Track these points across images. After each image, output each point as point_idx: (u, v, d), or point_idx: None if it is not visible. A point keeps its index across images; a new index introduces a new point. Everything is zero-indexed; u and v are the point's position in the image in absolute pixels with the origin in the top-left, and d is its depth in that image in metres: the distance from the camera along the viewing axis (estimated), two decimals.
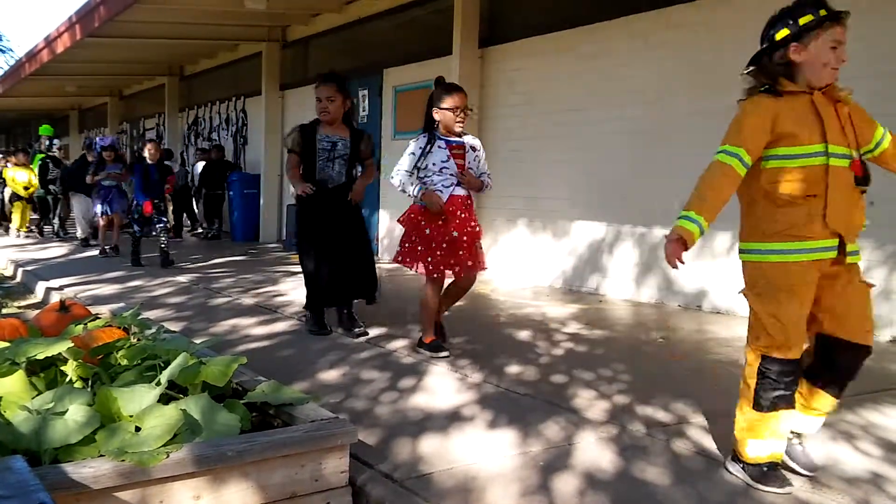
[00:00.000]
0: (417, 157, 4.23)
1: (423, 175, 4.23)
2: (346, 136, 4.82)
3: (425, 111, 4.33)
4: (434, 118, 4.27)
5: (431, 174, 4.22)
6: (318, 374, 3.86)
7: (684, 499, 2.41)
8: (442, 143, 4.24)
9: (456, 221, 4.21)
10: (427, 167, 4.22)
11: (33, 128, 25.76)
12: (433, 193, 4.17)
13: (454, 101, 4.20)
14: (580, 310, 5.98)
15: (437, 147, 4.23)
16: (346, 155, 4.80)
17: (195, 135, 15.31)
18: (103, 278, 7.44)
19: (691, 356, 4.43)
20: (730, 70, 5.89)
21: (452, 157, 4.24)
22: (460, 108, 4.21)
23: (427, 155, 4.21)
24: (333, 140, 4.78)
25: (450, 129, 4.25)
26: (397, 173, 4.27)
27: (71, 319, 3.55)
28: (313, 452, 2.35)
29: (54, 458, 2.12)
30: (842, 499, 2.43)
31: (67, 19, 11.43)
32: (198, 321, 5.28)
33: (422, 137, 4.29)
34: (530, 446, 2.84)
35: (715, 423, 3.12)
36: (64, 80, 16.40)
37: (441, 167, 4.22)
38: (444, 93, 4.25)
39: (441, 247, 4.18)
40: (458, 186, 4.24)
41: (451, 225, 4.19)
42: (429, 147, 4.22)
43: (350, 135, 4.85)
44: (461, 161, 4.27)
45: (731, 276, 5.82)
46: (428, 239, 4.21)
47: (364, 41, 10.24)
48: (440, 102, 4.23)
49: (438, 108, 4.24)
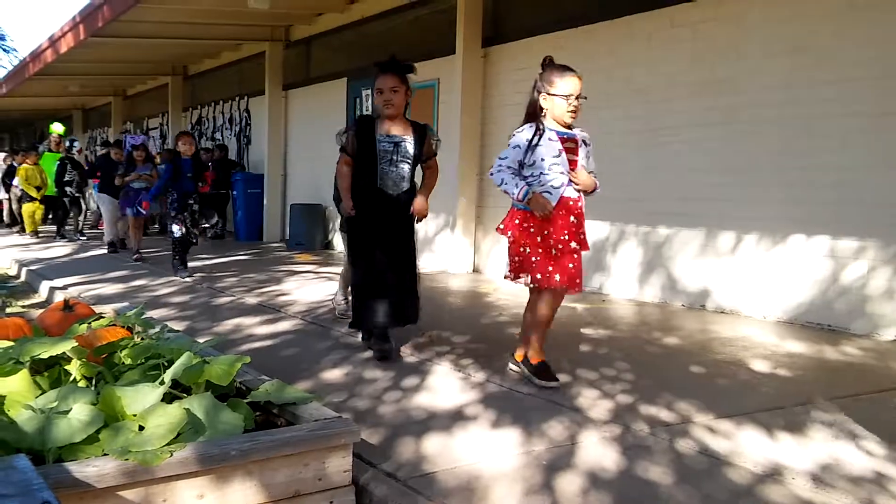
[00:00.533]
0: (523, 150, 3.56)
1: (528, 173, 3.60)
2: (409, 134, 4.16)
3: (530, 96, 3.66)
4: (541, 106, 3.60)
5: (539, 172, 3.57)
6: (321, 374, 3.86)
7: (688, 498, 2.41)
8: (553, 135, 3.57)
9: (571, 228, 3.59)
10: (534, 163, 3.57)
11: (37, 127, 25.85)
12: (540, 197, 3.52)
13: (568, 87, 3.53)
14: (583, 309, 5.97)
15: (547, 140, 3.55)
16: (411, 157, 4.15)
17: (199, 134, 15.32)
18: (107, 278, 7.46)
19: (696, 356, 4.42)
20: (733, 69, 5.93)
21: (564, 151, 3.58)
22: (574, 95, 3.54)
23: (534, 149, 3.55)
24: (396, 140, 4.12)
25: (561, 120, 3.59)
26: (499, 170, 3.63)
27: (75, 319, 3.56)
28: (317, 452, 2.35)
29: (58, 457, 2.12)
30: (845, 498, 2.43)
31: (71, 19, 11.44)
32: (201, 320, 5.29)
33: (528, 128, 3.60)
34: (534, 446, 2.84)
35: (718, 423, 3.11)
36: (67, 79, 16.42)
37: (551, 164, 3.55)
38: (555, 75, 3.55)
39: (553, 256, 3.57)
40: (570, 186, 3.60)
41: (560, 231, 3.56)
42: (537, 140, 3.55)
43: (413, 132, 4.20)
44: (574, 157, 3.60)
45: (736, 275, 5.83)
46: (538, 247, 3.58)
47: (367, 41, 10.24)
48: (550, 87, 3.55)
49: (548, 93, 3.56)
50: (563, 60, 3.62)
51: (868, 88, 5.02)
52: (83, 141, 21.80)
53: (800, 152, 5.40)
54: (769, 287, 5.63)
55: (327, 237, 11.05)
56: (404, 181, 4.16)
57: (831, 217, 5.24)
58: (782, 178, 5.50)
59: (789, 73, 5.48)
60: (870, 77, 5.02)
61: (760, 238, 5.67)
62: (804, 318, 5.39)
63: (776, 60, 5.53)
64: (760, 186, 5.64)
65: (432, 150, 4.28)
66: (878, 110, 4.97)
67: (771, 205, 5.59)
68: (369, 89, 10.04)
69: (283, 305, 5.90)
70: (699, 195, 6.04)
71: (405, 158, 4.13)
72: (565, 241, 3.55)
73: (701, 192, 6.03)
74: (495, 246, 7.78)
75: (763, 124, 5.60)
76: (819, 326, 5.27)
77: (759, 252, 5.70)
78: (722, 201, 5.86)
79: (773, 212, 5.58)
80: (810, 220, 5.35)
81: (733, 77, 5.80)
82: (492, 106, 8.15)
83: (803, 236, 5.41)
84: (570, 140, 3.61)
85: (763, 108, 5.59)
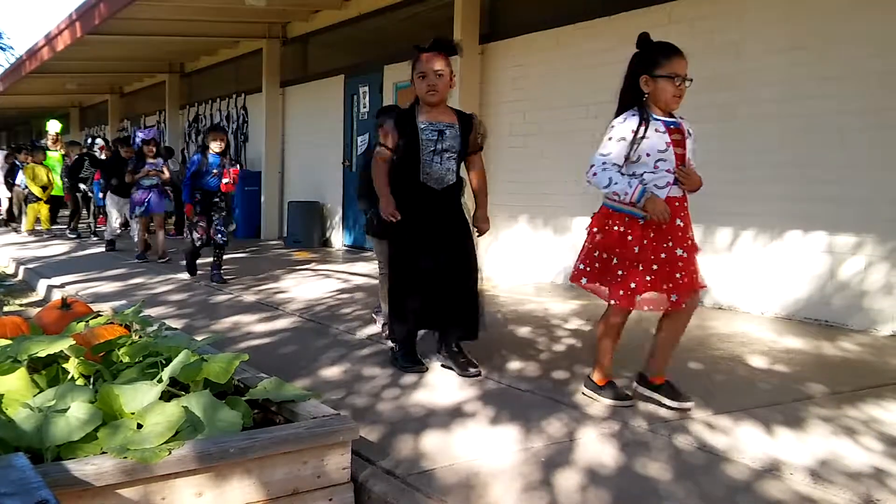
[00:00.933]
0: (629, 143, 3.06)
1: (628, 172, 3.09)
2: (454, 122, 3.79)
3: (625, 79, 3.16)
4: (642, 90, 3.09)
5: (642, 170, 3.08)
6: (319, 371, 3.86)
7: (686, 494, 2.41)
8: (660, 125, 3.08)
9: (678, 234, 3.11)
10: (638, 160, 3.07)
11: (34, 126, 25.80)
12: (659, 199, 3.04)
13: (676, 67, 3.04)
14: (582, 306, 5.97)
15: (654, 131, 3.06)
16: (456, 147, 3.77)
17: (196, 132, 15.30)
18: (105, 276, 7.45)
19: (694, 352, 4.42)
20: (731, 66, 5.92)
21: (672, 144, 3.09)
22: (683, 77, 3.07)
23: (640, 142, 3.05)
24: (439, 128, 3.72)
25: (667, 107, 3.12)
26: (603, 168, 3.09)
27: (73, 317, 3.55)
28: (315, 449, 2.35)
29: (56, 456, 2.12)
30: (844, 494, 2.43)
31: (68, 17, 11.42)
32: (199, 318, 5.28)
33: (631, 117, 3.08)
34: (532, 442, 2.84)
35: (717, 419, 3.12)
36: (64, 77, 16.40)
37: (657, 159, 3.06)
38: (660, 54, 3.07)
39: (651, 269, 3.06)
40: (676, 185, 3.11)
41: (666, 239, 3.08)
42: (643, 130, 3.06)
43: (458, 120, 3.82)
44: (681, 150, 3.11)
45: (733, 271, 5.83)
46: (635, 259, 3.07)
47: (364, 37, 10.22)
48: (654, 68, 3.05)
49: (651, 75, 3.06)
50: (561, 56, 3.61)
51: (867, 85, 5.02)
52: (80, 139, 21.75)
53: (798, 149, 5.40)
54: (767, 283, 5.63)
55: (325, 234, 11.04)
56: (450, 174, 3.76)
57: (829, 213, 5.24)
58: (780, 175, 5.50)
59: (788, 69, 5.48)
60: (869, 74, 5.02)
61: (758, 234, 5.68)
62: (802, 313, 5.40)
63: (775, 57, 5.53)
64: (758, 182, 5.64)
65: (478, 142, 3.86)
66: (877, 106, 4.97)
67: (768, 201, 5.59)
68: (367, 86, 10.03)
69: (281, 303, 5.90)
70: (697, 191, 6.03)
71: (451, 149, 3.74)
72: (670, 249, 3.07)
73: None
74: (493, 243, 7.77)
75: (761, 120, 5.60)
76: (817, 322, 5.27)
77: (756, 248, 5.70)
78: (719, 197, 5.85)
79: (771, 208, 5.59)
80: (808, 216, 5.36)
81: (732, 73, 5.79)
82: (489, 103, 8.14)
83: (801, 232, 5.41)
84: (677, 131, 3.12)
85: (761, 104, 5.59)
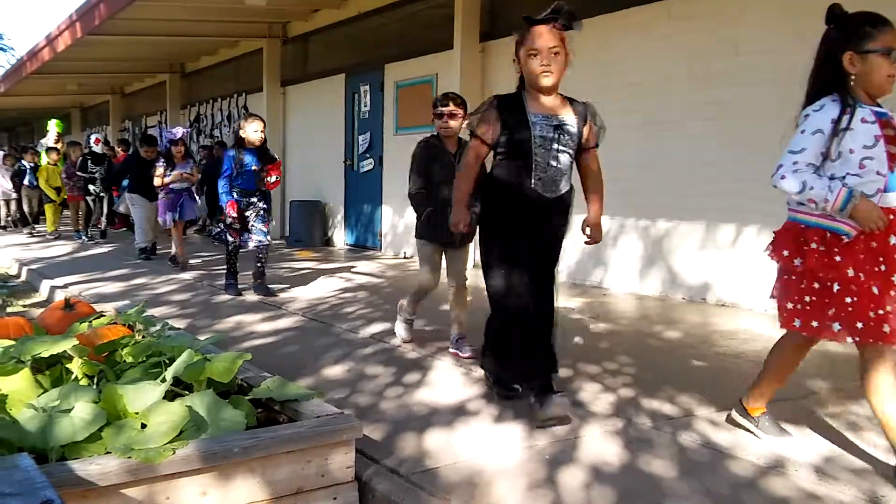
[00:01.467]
0: (829, 137, 2.45)
1: (827, 173, 2.50)
2: (571, 113, 3.11)
3: (816, 60, 2.56)
4: (848, 71, 2.46)
5: (846, 170, 2.47)
6: (322, 370, 3.86)
7: (690, 492, 2.41)
8: (868, 113, 2.45)
9: (893, 257, 2.45)
10: (839, 157, 2.46)
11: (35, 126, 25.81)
12: (869, 201, 2.42)
13: (890, 39, 2.43)
14: (584, 303, 5.97)
15: (859, 122, 2.43)
16: (574, 145, 3.11)
17: (197, 132, 15.31)
18: (108, 276, 7.45)
19: (697, 349, 4.42)
20: (730, 62, 5.91)
21: (883, 140, 2.45)
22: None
23: (842, 135, 2.44)
24: (556, 122, 3.05)
25: (880, 91, 2.49)
26: (795, 169, 2.50)
27: (76, 317, 3.56)
28: (319, 448, 2.35)
29: (61, 456, 2.12)
30: (848, 490, 2.43)
31: (68, 17, 11.43)
32: (202, 318, 5.29)
33: (830, 104, 2.47)
34: (536, 440, 2.84)
35: (721, 416, 3.11)
36: (65, 78, 16.40)
37: (863, 157, 2.43)
38: (869, 26, 2.45)
39: (867, 294, 2.42)
40: (890, 193, 2.46)
41: (877, 261, 2.46)
42: (846, 120, 2.43)
43: (573, 110, 3.13)
44: (894, 148, 2.46)
45: (736, 268, 5.82)
46: (848, 283, 2.45)
47: (365, 36, 10.22)
48: (865, 40, 2.43)
49: (859, 51, 2.44)
50: None
51: None
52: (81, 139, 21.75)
53: None
54: (770, 280, 5.60)
55: (327, 234, 11.04)
56: (564, 179, 3.11)
57: None
58: None
59: (788, 66, 5.46)
60: None
61: (761, 230, 5.66)
62: None
63: (775, 55, 5.52)
64: (761, 179, 5.61)
65: (595, 137, 3.22)
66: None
67: (771, 197, 5.57)
68: (367, 85, 10.03)
69: (284, 302, 5.90)
70: (699, 188, 6.03)
71: (567, 148, 3.08)
72: (884, 276, 2.44)
73: (701, 186, 6.01)
74: None
75: (763, 117, 5.59)
76: None
77: (759, 245, 5.67)
78: (722, 194, 5.85)
79: (774, 205, 5.56)
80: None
81: (732, 70, 5.78)
82: None
83: None
84: (889, 124, 2.47)
85: (762, 101, 5.58)
